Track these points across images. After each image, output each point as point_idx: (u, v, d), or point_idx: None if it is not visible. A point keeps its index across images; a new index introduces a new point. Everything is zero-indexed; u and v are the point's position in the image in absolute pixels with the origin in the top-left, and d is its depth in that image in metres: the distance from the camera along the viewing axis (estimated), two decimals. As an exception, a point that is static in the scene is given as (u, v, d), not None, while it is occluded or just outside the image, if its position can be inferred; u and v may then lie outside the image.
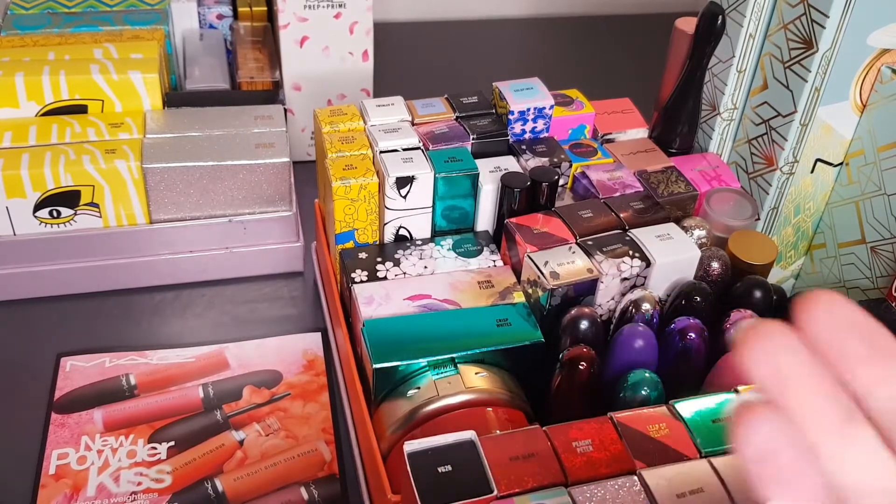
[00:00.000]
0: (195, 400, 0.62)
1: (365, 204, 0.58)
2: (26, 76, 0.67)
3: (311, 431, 0.60)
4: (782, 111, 0.63)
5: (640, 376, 0.49)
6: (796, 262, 0.71)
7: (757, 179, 0.68)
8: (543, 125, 0.64)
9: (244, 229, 0.70)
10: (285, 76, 0.79)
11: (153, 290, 0.71)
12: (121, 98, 0.70)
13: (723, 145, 0.71)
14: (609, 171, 0.63)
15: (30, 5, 0.79)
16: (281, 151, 0.68)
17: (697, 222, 0.59)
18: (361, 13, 0.77)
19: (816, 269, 0.69)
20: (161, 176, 0.66)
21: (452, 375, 0.50)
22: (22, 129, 0.66)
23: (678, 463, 0.43)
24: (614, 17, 1.19)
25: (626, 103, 0.72)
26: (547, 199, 0.59)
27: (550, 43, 1.13)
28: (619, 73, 1.04)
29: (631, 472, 0.42)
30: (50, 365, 0.64)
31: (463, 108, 0.64)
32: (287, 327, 0.69)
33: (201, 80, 0.77)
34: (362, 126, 0.62)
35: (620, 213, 0.58)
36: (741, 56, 0.65)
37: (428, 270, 0.57)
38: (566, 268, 0.53)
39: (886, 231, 0.61)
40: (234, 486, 0.56)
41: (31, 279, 0.68)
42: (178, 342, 0.67)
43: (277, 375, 0.64)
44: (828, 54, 0.59)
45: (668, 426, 0.45)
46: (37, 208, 0.65)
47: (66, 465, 0.57)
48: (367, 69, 0.81)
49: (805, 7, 0.59)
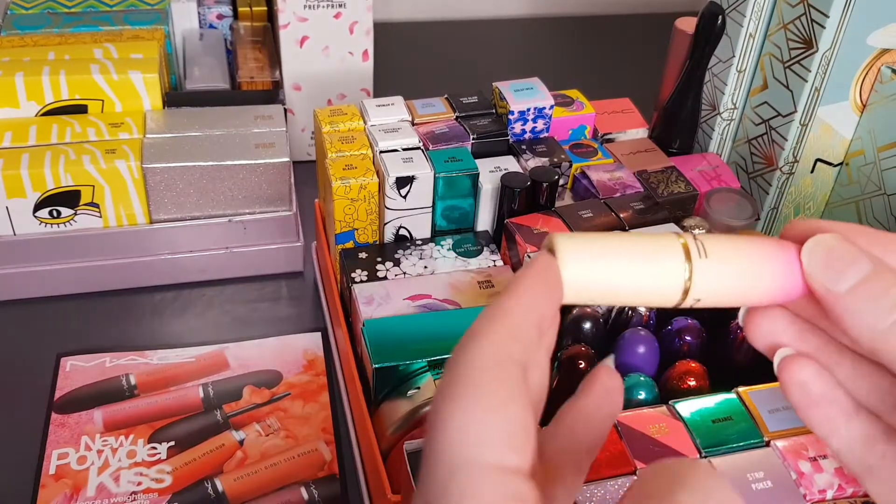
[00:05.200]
0: (195, 400, 0.62)
1: (365, 204, 0.58)
2: (26, 76, 0.67)
3: (311, 431, 0.60)
4: (782, 111, 0.63)
5: (636, 380, 0.49)
6: (796, 262, 0.71)
7: (757, 179, 0.68)
8: (543, 125, 0.64)
9: (244, 229, 0.70)
10: (285, 76, 0.79)
11: (153, 290, 0.71)
12: (121, 98, 0.70)
13: (723, 145, 0.71)
14: (609, 171, 0.63)
15: (30, 5, 0.79)
16: (281, 151, 0.68)
17: (697, 222, 0.59)
18: (361, 13, 0.78)
19: (816, 269, 0.69)
20: (161, 176, 0.66)
21: (452, 375, 0.50)
22: (22, 129, 0.66)
23: (678, 463, 0.43)
24: (614, 17, 1.19)
25: (626, 103, 0.72)
26: (547, 199, 0.59)
27: (550, 43, 1.13)
28: (619, 73, 1.04)
29: (631, 473, 0.42)
30: (50, 365, 0.64)
31: (463, 108, 0.64)
32: (287, 327, 0.69)
33: (201, 80, 0.77)
34: (362, 126, 0.62)
35: (620, 213, 0.58)
36: (741, 56, 0.65)
37: (428, 270, 0.57)
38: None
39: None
40: (234, 486, 0.56)
41: (31, 279, 0.68)
42: (178, 342, 0.67)
43: (277, 375, 0.64)
44: (828, 54, 0.59)
45: (668, 426, 0.45)
46: (37, 208, 0.65)
47: (66, 465, 0.57)
48: (367, 69, 0.81)
49: (805, 7, 0.59)
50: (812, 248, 0.28)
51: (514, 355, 0.25)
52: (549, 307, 0.27)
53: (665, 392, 0.49)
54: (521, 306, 0.26)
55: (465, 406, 0.24)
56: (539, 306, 0.27)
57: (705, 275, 0.27)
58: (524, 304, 0.26)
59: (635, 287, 0.27)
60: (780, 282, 0.28)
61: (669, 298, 0.28)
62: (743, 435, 0.45)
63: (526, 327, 0.26)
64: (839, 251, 0.27)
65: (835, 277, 0.27)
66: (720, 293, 0.28)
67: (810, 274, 0.28)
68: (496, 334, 0.26)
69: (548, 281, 0.27)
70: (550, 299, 0.27)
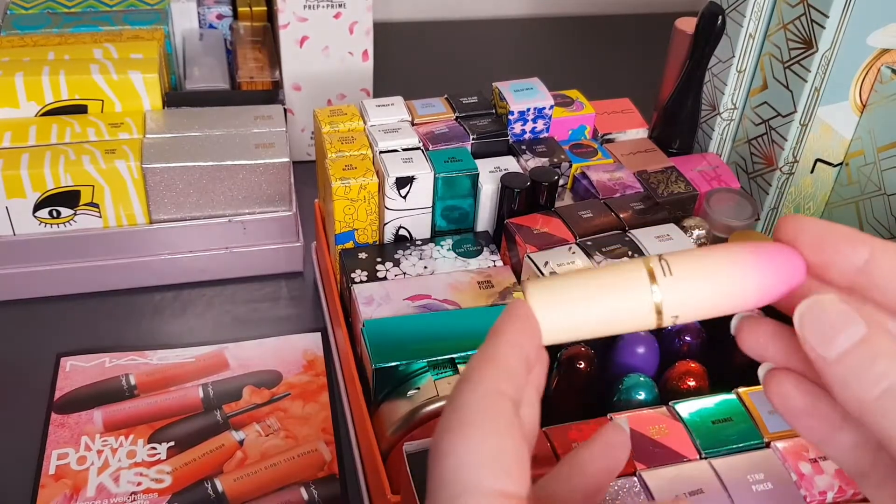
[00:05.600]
0: (195, 400, 0.62)
1: (365, 204, 0.58)
2: (26, 76, 0.67)
3: (310, 431, 0.60)
4: (782, 111, 0.63)
5: (636, 380, 0.48)
6: (796, 263, 0.71)
7: (757, 179, 0.68)
8: (543, 125, 0.64)
9: (244, 229, 0.70)
10: (285, 76, 0.79)
11: (153, 290, 0.71)
12: (121, 98, 0.70)
13: (723, 145, 0.71)
14: (609, 171, 0.63)
15: (30, 5, 0.79)
16: (281, 151, 0.68)
17: (697, 222, 0.59)
18: (361, 13, 0.77)
19: (816, 269, 0.69)
20: (161, 176, 0.66)
21: (452, 376, 0.50)
22: (22, 129, 0.66)
23: (678, 464, 0.43)
24: (614, 17, 1.19)
25: (626, 103, 0.72)
26: (547, 200, 0.59)
27: (550, 43, 1.13)
28: (619, 73, 1.04)
29: (631, 474, 0.42)
30: (50, 365, 0.64)
31: (463, 108, 0.64)
32: (287, 327, 0.69)
33: (201, 80, 0.77)
34: (362, 126, 0.62)
35: (620, 213, 0.58)
36: (741, 56, 0.65)
37: (428, 270, 0.57)
38: (566, 268, 0.53)
39: (886, 231, 0.61)
40: (234, 487, 0.56)
41: (31, 279, 0.68)
42: (178, 342, 0.67)
43: (277, 375, 0.64)
44: (827, 54, 0.59)
45: (667, 427, 0.45)
46: (37, 208, 0.65)
47: (66, 465, 0.57)
48: (367, 69, 0.81)
49: (805, 7, 0.59)
50: (804, 310, 0.27)
51: (505, 392, 0.27)
52: (532, 347, 0.29)
53: (665, 393, 0.49)
54: (507, 348, 0.28)
55: (464, 436, 0.26)
56: (523, 347, 0.28)
57: (674, 292, 0.28)
58: (510, 346, 0.28)
59: (610, 319, 0.29)
60: (756, 285, 0.29)
61: (646, 322, 0.29)
62: (743, 436, 0.45)
63: (514, 366, 0.28)
64: (831, 314, 0.27)
65: (824, 343, 0.26)
66: (695, 306, 0.29)
67: (801, 337, 0.27)
68: (488, 373, 0.27)
69: (526, 324, 0.29)
70: (532, 340, 0.29)
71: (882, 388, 0.25)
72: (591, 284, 0.29)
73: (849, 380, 0.26)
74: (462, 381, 0.28)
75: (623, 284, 0.29)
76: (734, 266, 0.29)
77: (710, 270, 0.29)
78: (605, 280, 0.29)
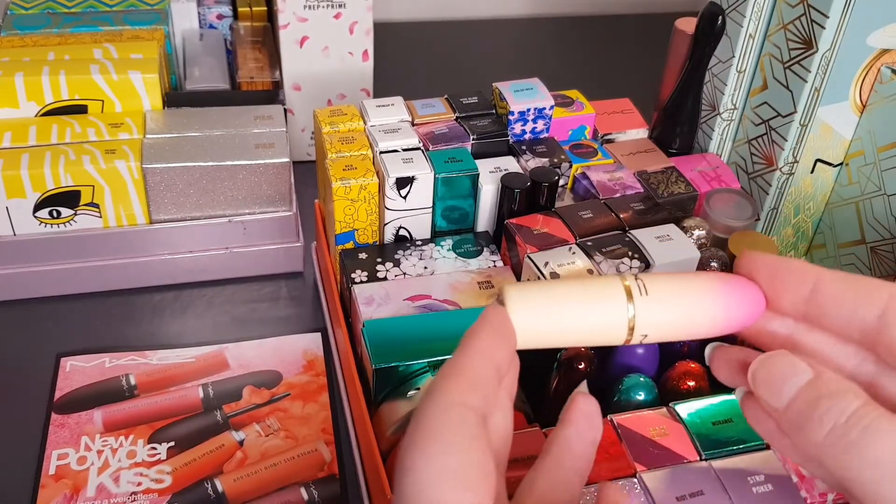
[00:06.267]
0: (195, 400, 0.62)
1: (365, 204, 0.58)
2: (26, 76, 0.67)
3: (310, 432, 0.60)
4: (782, 111, 0.63)
5: (635, 381, 0.48)
6: (796, 263, 0.71)
7: (757, 180, 0.68)
8: (543, 126, 0.64)
9: (244, 229, 0.70)
10: (285, 76, 0.79)
11: (153, 290, 0.71)
12: (121, 98, 0.70)
13: (723, 145, 0.71)
14: (609, 171, 0.63)
15: (30, 5, 0.79)
16: (281, 151, 0.68)
17: (697, 223, 0.59)
18: (361, 13, 0.77)
19: (816, 269, 0.69)
20: (161, 176, 0.66)
21: (452, 376, 0.50)
22: (22, 129, 0.66)
23: (678, 465, 0.43)
24: (614, 17, 1.19)
25: (626, 103, 0.72)
26: (547, 200, 0.59)
27: (550, 43, 1.13)
28: (619, 73, 1.04)
29: (631, 475, 0.42)
30: (50, 365, 0.64)
31: (463, 108, 0.64)
32: (287, 327, 0.69)
33: (201, 80, 0.77)
34: (362, 126, 0.62)
35: (620, 213, 0.58)
36: (741, 56, 0.65)
37: (428, 271, 0.57)
38: (566, 268, 0.53)
39: (886, 231, 0.61)
40: (234, 487, 0.57)
41: (31, 279, 0.68)
42: (178, 342, 0.67)
43: (277, 376, 0.64)
44: (827, 54, 0.59)
45: (667, 428, 0.45)
46: (37, 208, 0.65)
47: (66, 465, 0.57)
48: (367, 69, 0.81)
49: (805, 7, 0.59)
50: (756, 367, 0.28)
51: (471, 402, 0.27)
52: (504, 354, 0.29)
53: (665, 393, 0.49)
54: (477, 356, 0.28)
55: (424, 452, 0.26)
56: (494, 354, 0.29)
57: (648, 312, 0.29)
58: (480, 354, 0.28)
59: (583, 329, 0.30)
60: (724, 314, 0.30)
61: (616, 337, 0.30)
62: (743, 437, 0.45)
63: (484, 374, 0.28)
64: (779, 366, 0.28)
65: (775, 395, 0.27)
66: (665, 328, 0.30)
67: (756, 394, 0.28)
68: (455, 385, 0.28)
69: (500, 330, 0.29)
70: (505, 346, 0.29)
71: (827, 428, 0.26)
72: (568, 293, 0.29)
73: (800, 424, 0.26)
74: (427, 395, 0.28)
75: (600, 298, 0.30)
76: (706, 293, 0.30)
77: (683, 295, 0.30)
78: (583, 292, 0.30)
